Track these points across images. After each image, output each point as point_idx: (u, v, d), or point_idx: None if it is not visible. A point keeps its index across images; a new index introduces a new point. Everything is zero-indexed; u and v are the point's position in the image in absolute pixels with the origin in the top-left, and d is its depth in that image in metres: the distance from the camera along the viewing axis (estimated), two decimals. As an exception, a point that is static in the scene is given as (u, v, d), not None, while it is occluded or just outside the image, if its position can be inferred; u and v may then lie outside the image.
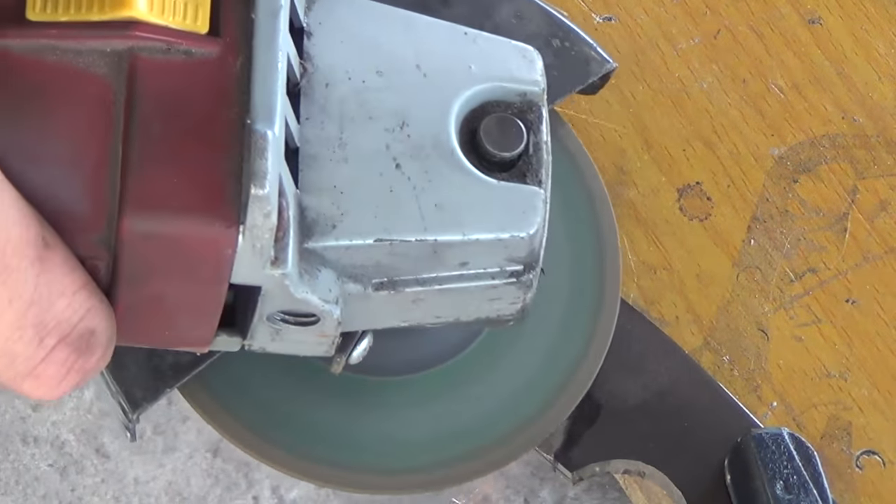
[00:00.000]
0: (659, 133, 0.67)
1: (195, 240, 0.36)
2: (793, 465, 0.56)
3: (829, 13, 0.71)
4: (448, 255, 0.39)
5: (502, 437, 0.48)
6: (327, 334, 0.40)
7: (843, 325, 0.63)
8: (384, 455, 0.47)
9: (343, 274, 0.39)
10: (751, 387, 0.62)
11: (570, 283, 0.49)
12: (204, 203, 0.36)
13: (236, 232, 0.36)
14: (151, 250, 0.36)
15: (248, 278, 0.37)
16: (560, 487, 0.63)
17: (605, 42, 0.70)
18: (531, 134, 0.40)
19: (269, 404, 0.47)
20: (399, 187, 0.39)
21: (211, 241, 0.36)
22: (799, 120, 0.68)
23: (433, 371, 0.47)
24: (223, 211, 0.36)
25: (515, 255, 0.40)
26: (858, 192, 0.66)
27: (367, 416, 0.46)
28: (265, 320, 0.39)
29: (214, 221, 0.36)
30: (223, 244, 0.36)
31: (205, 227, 0.36)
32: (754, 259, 0.65)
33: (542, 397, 0.49)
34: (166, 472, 0.62)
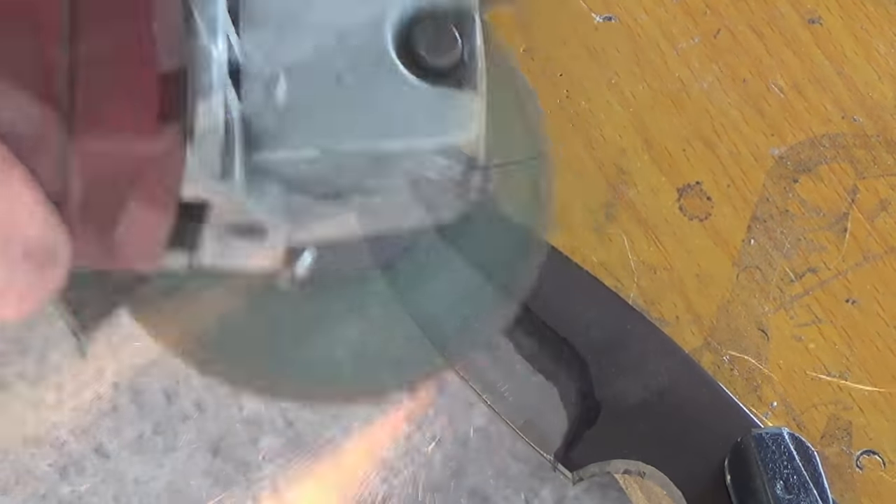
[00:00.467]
0: (659, 133, 0.68)
1: (144, 154, 0.36)
2: (793, 465, 0.56)
3: (829, 13, 0.71)
4: (391, 164, 0.40)
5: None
6: (274, 247, 0.41)
7: (844, 325, 0.63)
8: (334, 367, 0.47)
9: (288, 186, 0.40)
10: (751, 387, 0.62)
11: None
12: (154, 118, 0.36)
13: (184, 148, 0.37)
14: (101, 166, 0.37)
15: (196, 193, 0.38)
16: (560, 487, 0.63)
17: (605, 42, 0.70)
18: (465, 41, 0.41)
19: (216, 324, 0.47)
20: (340, 97, 0.40)
21: (161, 158, 0.37)
22: (799, 120, 0.68)
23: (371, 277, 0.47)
24: (171, 127, 0.36)
25: (456, 159, 0.41)
26: (858, 191, 0.66)
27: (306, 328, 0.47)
28: (214, 234, 0.40)
29: (163, 138, 0.36)
30: (172, 160, 0.37)
31: (154, 144, 0.36)
32: (754, 259, 0.65)
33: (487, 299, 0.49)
34: (166, 471, 0.62)
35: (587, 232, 0.65)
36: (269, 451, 0.63)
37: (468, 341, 0.48)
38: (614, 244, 0.65)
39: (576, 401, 0.61)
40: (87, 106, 0.36)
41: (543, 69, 0.69)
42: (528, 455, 0.62)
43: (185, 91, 0.36)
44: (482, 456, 0.64)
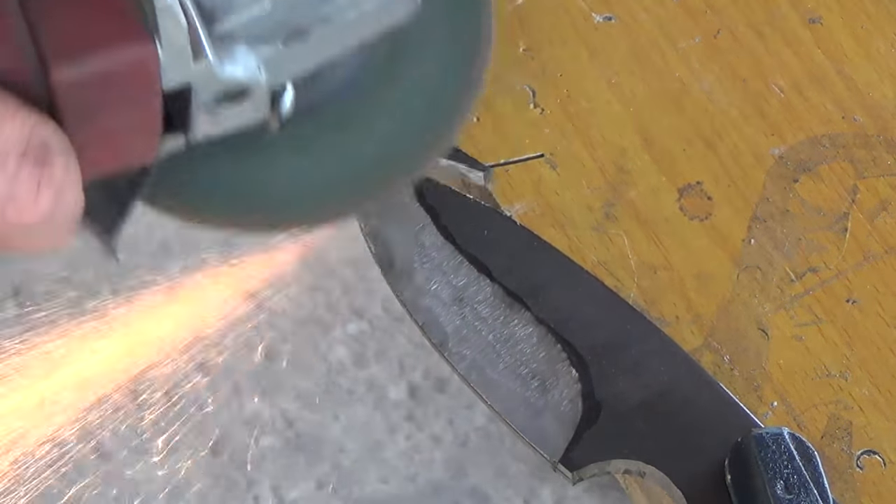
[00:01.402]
0: (659, 132, 0.68)
1: (121, 68, 0.39)
2: (793, 465, 0.56)
3: (830, 12, 0.71)
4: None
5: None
6: (260, 100, 0.43)
7: (844, 325, 0.63)
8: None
9: (254, 42, 0.42)
10: (751, 386, 0.62)
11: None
12: (117, 31, 0.39)
13: (154, 46, 0.39)
14: (85, 92, 0.39)
15: (177, 81, 0.41)
16: (560, 487, 0.63)
17: (605, 41, 0.70)
18: None
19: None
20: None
21: (136, 64, 0.39)
22: (799, 119, 0.68)
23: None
24: (137, 31, 0.39)
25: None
26: (859, 191, 0.66)
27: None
28: (202, 110, 0.42)
29: (133, 44, 0.39)
30: (147, 61, 0.39)
31: (127, 53, 0.39)
32: (755, 259, 0.65)
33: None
34: (166, 472, 0.62)
35: (587, 232, 0.65)
36: (270, 451, 0.63)
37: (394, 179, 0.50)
38: (614, 244, 0.65)
39: (576, 401, 0.61)
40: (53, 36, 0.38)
41: (543, 69, 0.69)
42: (528, 455, 0.62)
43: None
44: (482, 456, 0.64)
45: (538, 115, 0.68)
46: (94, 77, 0.38)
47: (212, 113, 0.43)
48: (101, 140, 0.41)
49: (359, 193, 0.50)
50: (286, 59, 0.43)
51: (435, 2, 0.49)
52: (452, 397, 0.65)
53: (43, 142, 0.38)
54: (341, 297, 0.67)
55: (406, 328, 0.65)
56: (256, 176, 0.48)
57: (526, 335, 0.62)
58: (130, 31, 0.39)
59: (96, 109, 0.39)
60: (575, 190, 0.66)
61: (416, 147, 0.50)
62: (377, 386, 0.65)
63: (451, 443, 0.64)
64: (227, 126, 0.44)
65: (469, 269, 0.63)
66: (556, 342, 0.61)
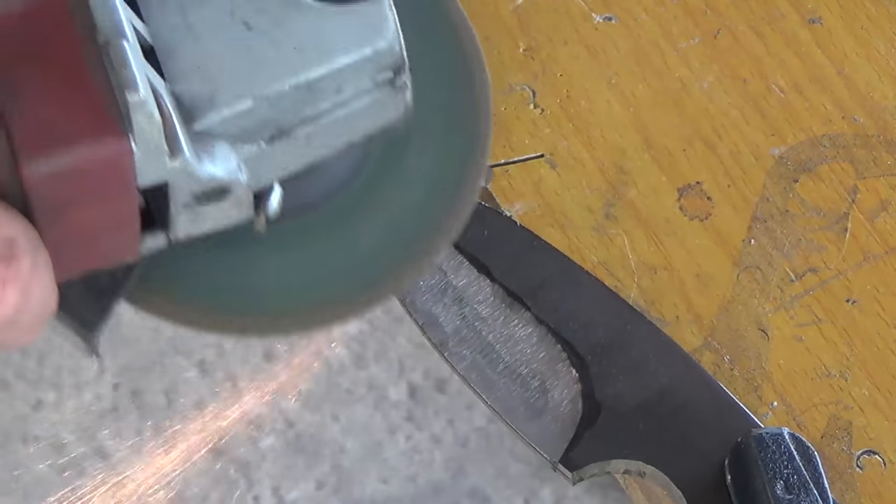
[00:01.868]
0: (659, 133, 0.67)
1: (93, 163, 0.38)
2: (793, 465, 0.56)
3: (830, 13, 0.71)
4: (323, 89, 0.42)
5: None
6: (241, 200, 0.42)
7: (844, 325, 0.63)
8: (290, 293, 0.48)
9: (235, 140, 0.41)
10: (751, 387, 0.62)
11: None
12: (89, 126, 0.37)
13: (128, 141, 0.38)
14: (56, 187, 0.38)
15: (153, 178, 0.39)
16: (560, 488, 0.63)
17: (606, 41, 0.70)
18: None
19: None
20: (255, 44, 0.41)
21: (109, 159, 0.38)
22: (799, 119, 0.68)
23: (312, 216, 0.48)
24: (109, 127, 0.37)
25: (382, 65, 0.43)
26: (859, 191, 0.66)
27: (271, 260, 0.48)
28: (181, 209, 0.41)
29: (105, 139, 0.37)
30: (121, 157, 0.38)
31: (99, 149, 0.37)
32: (755, 259, 0.65)
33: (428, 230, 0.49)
34: (166, 472, 0.62)
35: (587, 232, 0.65)
36: (270, 452, 0.63)
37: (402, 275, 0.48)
38: (614, 244, 0.65)
39: (576, 401, 0.61)
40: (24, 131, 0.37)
41: (543, 69, 0.69)
42: (528, 455, 0.62)
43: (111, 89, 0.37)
44: (482, 456, 0.64)
45: (538, 115, 0.68)
46: (66, 172, 0.37)
47: (192, 212, 0.41)
48: (77, 237, 0.39)
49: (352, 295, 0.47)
50: (271, 160, 0.42)
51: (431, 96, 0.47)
52: (452, 397, 0.65)
53: (10, 239, 0.37)
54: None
55: (406, 328, 0.65)
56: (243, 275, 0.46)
57: (526, 335, 0.62)
58: (104, 125, 0.37)
59: (69, 205, 0.38)
60: (575, 190, 0.66)
61: (413, 246, 0.48)
62: (377, 386, 0.65)
63: (451, 443, 0.64)
64: (210, 225, 0.42)
65: (469, 269, 0.63)
66: (556, 342, 0.61)
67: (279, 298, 0.47)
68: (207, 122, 0.40)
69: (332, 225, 0.47)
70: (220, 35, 0.41)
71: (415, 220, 0.48)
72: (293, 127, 0.42)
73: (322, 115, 0.42)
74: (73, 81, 0.37)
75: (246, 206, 0.42)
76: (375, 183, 0.48)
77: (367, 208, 0.47)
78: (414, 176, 0.48)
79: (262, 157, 0.42)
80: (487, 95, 0.49)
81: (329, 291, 0.47)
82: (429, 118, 0.48)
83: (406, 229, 0.48)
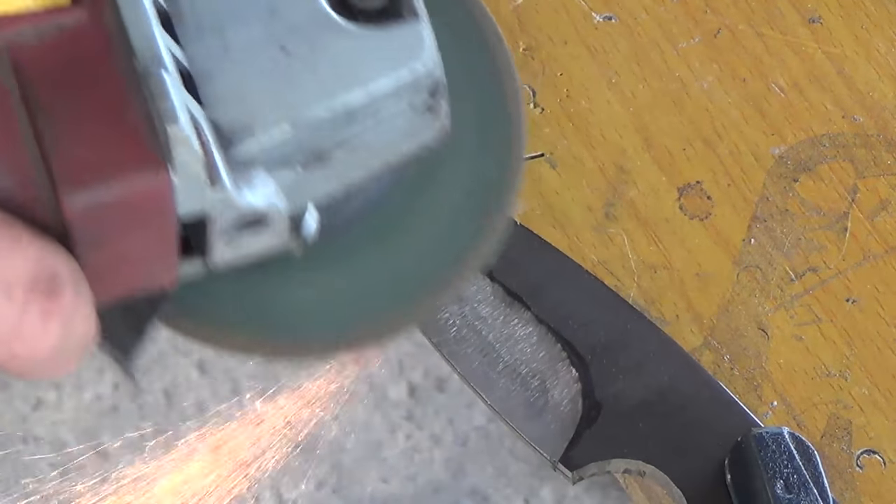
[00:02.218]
0: (659, 132, 0.67)
1: (134, 196, 0.37)
2: (793, 465, 0.56)
3: (830, 12, 0.71)
4: (360, 112, 0.41)
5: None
6: (280, 227, 0.41)
7: (844, 325, 0.63)
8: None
9: (272, 166, 0.41)
10: (751, 386, 0.62)
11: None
12: (129, 159, 0.37)
13: (169, 173, 0.37)
14: (97, 219, 0.38)
15: (192, 208, 0.39)
16: (560, 487, 0.63)
17: (606, 41, 0.70)
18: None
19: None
20: (293, 68, 0.41)
21: (149, 191, 0.37)
22: (799, 119, 0.68)
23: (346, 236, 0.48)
24: (150, 159, 0.37)
25: (420, 87, 0.42)
26: (859, 191, 0.66)
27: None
28: (220, 237, 0.41)
29: (146, 172, 0.37)
30: (161, 189, 0.38)
31: (139, 181, 0.37)
32: (754, 258, 0.65)
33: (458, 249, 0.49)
34: (166, 471, 0.62)
35: (587, 231, 0.65)
36: (270, 452, 0.63)
37: (426, 303, 0.48)
38: (614, 243, 0.65)
39: (576, 400, 0.61)
40: (65, 164, 0.37)
41: (543, 69, 0.69)
42: (528, 454, 0.62)
43: (150, 119, 0.37)
44: (482, 455, 0.64)
45: (538, 115, 0.68)
46: (107, 205, 0.37)
47: (230, 239, 0.41)
48: (116, 266, 0.39)
49: (386, 317, 0.47)
50: (307, 184, 0.42)
51: (464, 115, 0.47)
52: (452, 397, 0.65)
53: (52, 272, 0.37)
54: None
55: (406, 328, 0.65)
56: (280, 296, 0.46)
57: (526, 335, 0.62)
58: (144, 157, 0.37)
59: (110, 236, 0.38)
60: (575, 189, 0.66)
61: (447, 267, 0.47)
62: (377, 385, 0.65)
63: (450, 442, 0.64)
64: (247, 252, 0.42)
65: (469, 268, 0.63)
66: (556, 342, 0.61)
67: (311, 321, 0.47)
68: (245, 149, 0.40)
69: (364, 247, 0.47)
70: (256, 59, 0.40)
71: (447, 243, 0.48)
72: (330, 151, 0.41)
73: (359, 138, 0.42)
74: (112, 112, 0.37)
75: (283, 232, 0.42)
76: (409, 204, 0.47)
77: (399, 230, 0.47)
78: (447, 198, 0.48)
79: (299, 182, 0.41)
80: (521, 116, 0.49)
81: (362, 314, 0.47)
82: (462, 138, 0.47)
83: (438, 252, 0.47)
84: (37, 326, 0.37)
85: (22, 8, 0.37)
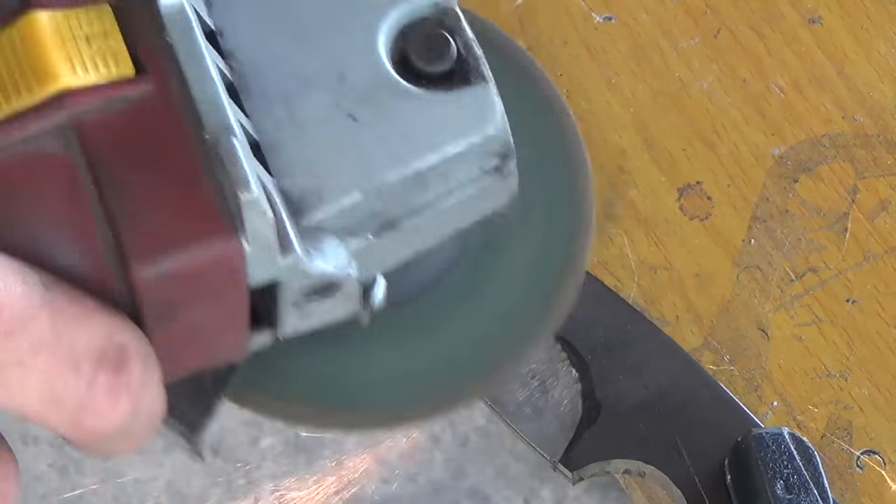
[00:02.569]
0: (659, 132, 0.68)
1: (205, 265, 0.37)
2: (793, 465, 0.56)
3: (830, 12, 0.71)
4: (431, 179, 0.41)
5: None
6: (351, 295, 0.41)
7: (844, 325, 0.63)
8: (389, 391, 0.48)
9: (343, 234, 0.40)
10: (751, 386, 0.62)
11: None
12: (200, 228, 0.36)
13: (239, 241, 0.37)
14: (167, 290, 0.37)
15: (264, 277, 0.38)
16: (560, 487, 0.63)
17: (606, 42, 0.70)
18: (457, 37, 0.42)
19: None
20: (362, 136, 0.40)
21: (221, 260, 0.37)
22: (799, 119, 0.68)
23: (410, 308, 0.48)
24: (221, 227, 0.37)
25: (490, 151, 0.42)
26: (859, 191, 0.66)
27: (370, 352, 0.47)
28: (290, 306, 0.40)
29: (217, 241, 0.36)
30: (232, 258, 0.37)
31: (210, 250, 0.37)
32: (754, 259, 0.65)
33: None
34: (166, 471, 0.62)
35: (587, 232, 0.65)
36: (270, 451, 0.63)
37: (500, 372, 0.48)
38: (614, 244, 0.65)
39: (576, 401, 0.61)
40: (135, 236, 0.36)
41: (543, 69, 0.69)
42: (528, 455, 0.62)
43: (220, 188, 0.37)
44: (482, 456, 0.64)
45: (538, 115, 0.68)
46: (177, 275, 0.37)
47: (301, 308, 0.40)
48: (186, 338, 0.39)
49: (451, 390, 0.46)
50: (377, 252, 0.41)
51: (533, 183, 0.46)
52: (452, 397, 0.65)
53: (121, 346, 0.37)
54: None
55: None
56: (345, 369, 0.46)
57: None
58: (214, 225, 0.36)
59: (179, 307, 0.37)
60: (575, 190, 0.66)
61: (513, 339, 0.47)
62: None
63: (450, 443, 0.64)
64: (317, 321, 0.41)
65: (469, 268, 0.63)
66: (555, 342, 0.61)
67: (379, 392, 0.46)
68: (316, 217, 0.39)
69: (433, 317, 0.46)
70: (325, 128, 0.40)
71: (515, 313, 0.47)
72: (401, 218, 0.41)
73: (429, 205, 0.41)
74: (182, 184, 0.37)
75: (354, 300, 0.41)
76: (476, 273, 0.47)
77: (467, 299, 0.47)
78: (515, 266, 0.47)
79: (370, 249, 0.41)
80: (588, 181, 0.48)
81: (429, 385, 0.46)
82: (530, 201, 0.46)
83: (506, 321, 0.47)
84: (104, 401, 0.37)
85: (88, 82, 0.37)
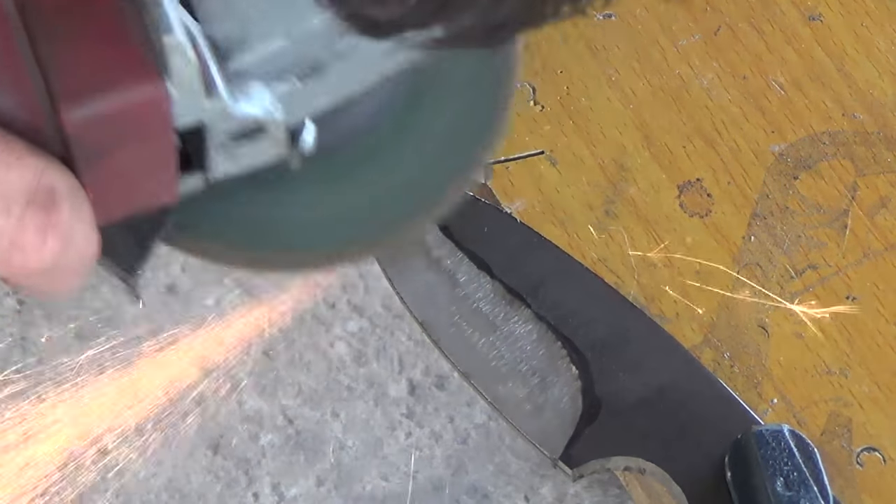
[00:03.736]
0: (659, 130, 0.68)
1: (132, 107, 0.38)
2: (793, 462, 0.56)
3: (830, 10, 0.71)
4: None
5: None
6: (277, 137, 0.42)
7: (844, 322, 0.63)
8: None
9: (269, 79, 0.41)
10: (751, 383, 0.62)
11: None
12: (126, 72, 0.38)
13: (166, 84, 0.38)
14: (96, 132, 0.38)
15: (190, 119, 0.40)
16: (561, 485, 0.63)
17: (606, 39, 0.70)
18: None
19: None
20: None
21: (147, 103, 0.38)
22: (799, 117, 0.68)
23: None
24: (147, 71, 0.38)
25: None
26: (858, 188, 0.66)
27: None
28: (218, 149, 0.42)
29: (143, 84, 0.38)
30: (158, 100, 0.38)
31: (137, 93, 0.38)
32: (755, 256, 0.65)
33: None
34: (166, 469, 0.62)
35: (587, 228, 0.65)
36: (270, 449, 0.63)
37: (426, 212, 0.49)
38: (614, 241, 0.65)
39: (576, 398, 0.61)
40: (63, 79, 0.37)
41: (544, 66, 0.69)
42: (529, 452, 0.62)
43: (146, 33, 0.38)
44: (482, 453, 0.64)
45: (538, 112, 0.68)
46: (106, 118, 0.38)
47: (229, 151, 0.42)
48: (116, 182, 0.40)
49: (379, 232, 0.48)
50: (303, 96, 0.42)
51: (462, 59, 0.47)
52: (452, 394, 0.65)
53: (50, 187, 0.38)
54: (341, 295, 0.67)
55: (406, 325, 0.65)
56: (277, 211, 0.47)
57: (526, 332, 0.62)
58: (141, 69, 0.38)
59: (108, 150, 0.39)
60: (575, 187, 0.66)
61: (438, 185, 0.48)
62: (377, 383, 0.65)
63: (451, 440, 0.64)
64: (246, 164, 0.43)
65: (469, 265, 0.63)
66: (556, 339, 0.61)
67: (309, 234, 0.48)
68: (242, 62, 0.40)
69: (363, 160, 0.47)
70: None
71: (434, 169, 0.49)
72: (326, 63, 0.42)
73: (354, 49, 0.42)
74: (109, 32, 0.38)
75: (281, 144, 0.43)
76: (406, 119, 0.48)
77: (397, 144, 0.48)
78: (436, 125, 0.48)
79: (296, 94, 0.42)
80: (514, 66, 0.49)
81: (357, 228, 0.48)
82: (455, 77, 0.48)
83: (433, 165, 0.48)
84: (34, 239, 0.38)
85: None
